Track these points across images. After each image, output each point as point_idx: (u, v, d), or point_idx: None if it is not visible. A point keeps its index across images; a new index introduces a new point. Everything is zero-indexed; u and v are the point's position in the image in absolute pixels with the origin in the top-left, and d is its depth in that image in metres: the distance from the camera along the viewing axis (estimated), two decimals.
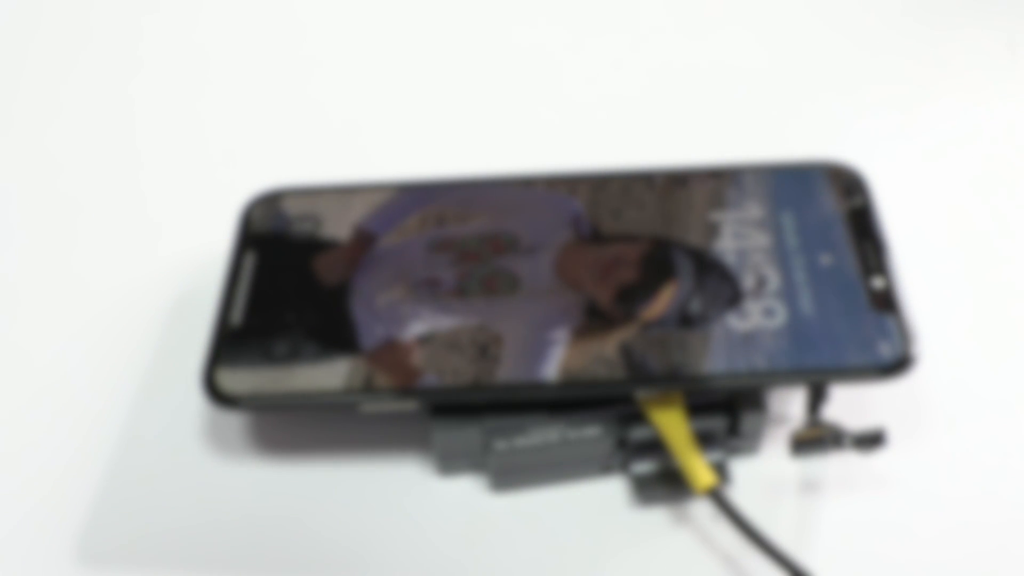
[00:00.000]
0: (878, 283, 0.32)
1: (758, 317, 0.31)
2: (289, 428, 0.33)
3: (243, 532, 0.31)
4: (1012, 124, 0.41)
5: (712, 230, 0.34)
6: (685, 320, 0.32)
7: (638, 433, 0.31)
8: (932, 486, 0.32)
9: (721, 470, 0.31)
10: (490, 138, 0.42)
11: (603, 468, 0.32)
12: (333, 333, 0.32)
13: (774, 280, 0.32)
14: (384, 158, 0.41)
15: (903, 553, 0.30)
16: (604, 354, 0.31)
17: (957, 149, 0.41)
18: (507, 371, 0.31)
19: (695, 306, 0.32)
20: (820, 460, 0.32)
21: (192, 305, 0.36)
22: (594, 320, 0.32)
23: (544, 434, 0.31)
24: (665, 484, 0.31)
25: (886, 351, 0.30)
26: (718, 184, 0.35)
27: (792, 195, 0.35)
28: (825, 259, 0.33)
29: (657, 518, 0.31)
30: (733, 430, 0.32)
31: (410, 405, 0.31)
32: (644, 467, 0.32)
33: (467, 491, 0.32)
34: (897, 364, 0.30)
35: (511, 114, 0.43)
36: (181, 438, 0.33)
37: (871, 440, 0.30)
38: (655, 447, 0.31)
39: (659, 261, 0.33)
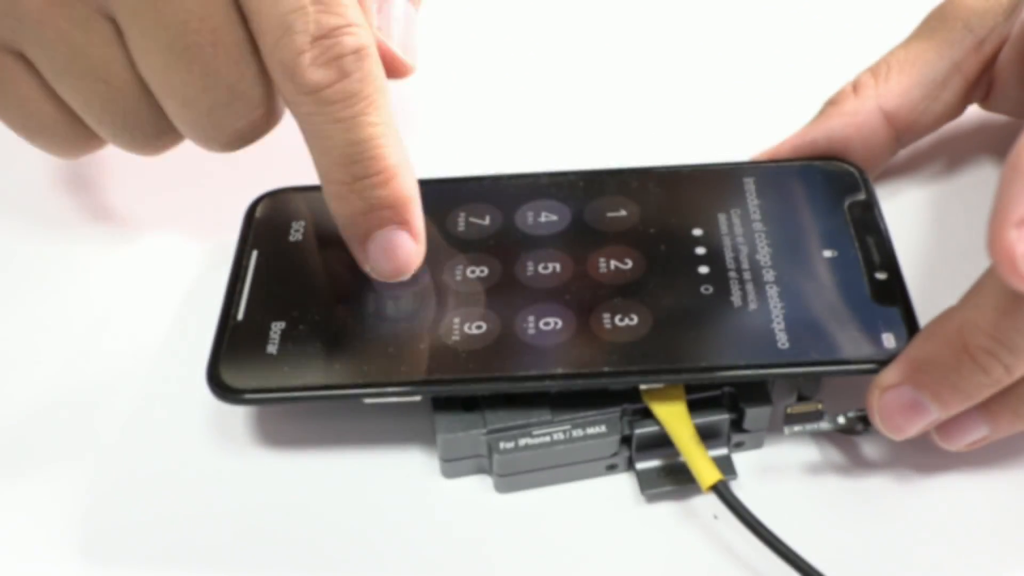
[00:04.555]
0: (880, 276, 0.32)
1: (760, 310, 0.32)
2: (295, 422, 0.33)
3: (247, 525, 0.31)
4: None
5: (715, 225, 0.34)
6: (688, 313, 0.32)
7: (642, 431, 0.31)
8: (937, 482, 0.31)
9: (726, 465, 0.31)
10: (490, 136, 0.43)
11: (608, 467, 0.32)
12: (335, 327, 0.32)
13: (777, 275, 0.32)
14: None
15: (908, 548, 0.30)
16: (607, 346, 0.31)
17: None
18: (510, 363, 0.31)
19: (698, 300, 0.32)
20: (820, 456, 0.32)
21: (198, 301, 0.36)
22: (597, 313, 0.32)
23: (548, 434, 0.31)
24: (670, 480, 0.31)
25: (889, 344, 0.30)
26: (720, 180, 0.36)
27: (794, 191, 0.35)
28: (827, 253, 0.33)
29: (663, 514, 0.31)
30: (738, 425, 0.32)
31: (413, 398, 0.31)
32: (649, 464, 0.32)
33: (472, 489, 0.32)
34: None
35: (512, 112, 0.44)
36: (187, 431, 0.33)
37: (862, 422, 0.30)
38: (659, 444, 0.31)
39: (662, 256, 0.33)
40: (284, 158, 0.42)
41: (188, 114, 0.31)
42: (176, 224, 0.40)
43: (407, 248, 0.32)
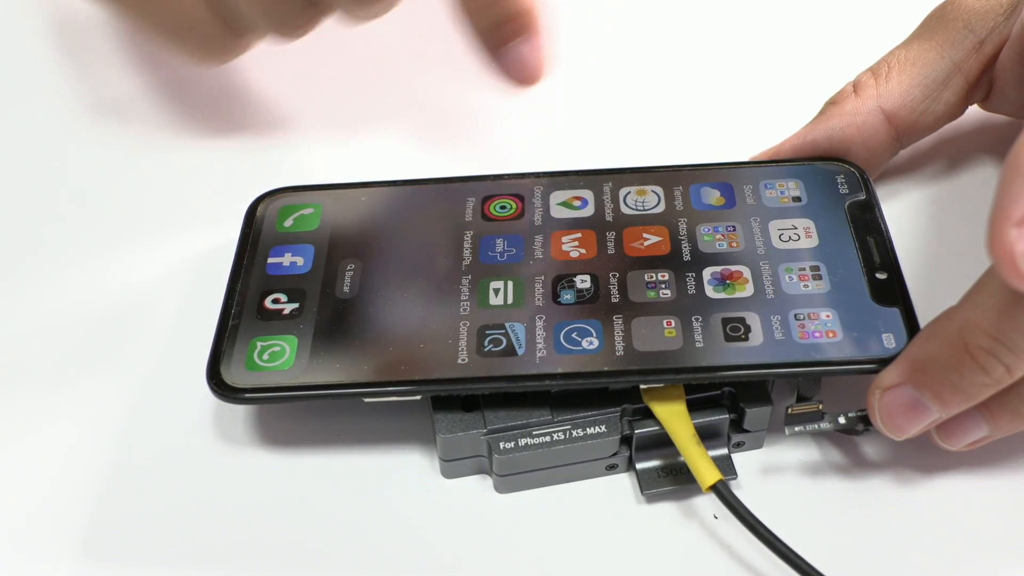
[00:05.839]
0: (880, 276, 0.32)
1: (761, 310, 0.32)
2: (295, 422, 0.33)
3: (247, 525, 0.31)
4: None
5: (715, 226, 0.34)
6: (687, 312, 0.32)
7: (642, 431, 0.31)
8: (937, 482, 0.32)
9: (726, 465, 0.31)
10: (493, 136, 0.43)
11: (608, 467, 0.32)
12: (335, 326, 0.32)
13: (776, 274, 0.32)
14: (386, 157, 0.42)
15: (908, 548, 0.30)
16: (606, 346, 0.31)
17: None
18: (510, 363, 0.31)
19: (698, 300, 0.32)
20: (820, 456, 0.32)
21: (198, 301, 0.36)
22: (596, 312, 0.32)
23: (548, 434, 0.31)
24: (670, 480, 0.31)
25: (889, 344, 0.30)
26: (721, 181, 0.36)
27: (795, 191, 0.35)
28: (828, 253, 0.33)
29: (663, 514, 0.31)
30: (738, 425, 0.32)
31: (413, 397, 0.31)
32: (649, 464, 0.32)
33: (472, 489, 0.32)
34: None
35: (512, 112, 0.43)
36: (187, 431, 0.33)
37: (862, 421, 0.30)
38: (659, 444, 0.31)
39: (661, 256, 0.33)
40: (284, 158, 0.42)
41: None
42: (176, 224, 0.40)
43: (537, 55, 0.35)
